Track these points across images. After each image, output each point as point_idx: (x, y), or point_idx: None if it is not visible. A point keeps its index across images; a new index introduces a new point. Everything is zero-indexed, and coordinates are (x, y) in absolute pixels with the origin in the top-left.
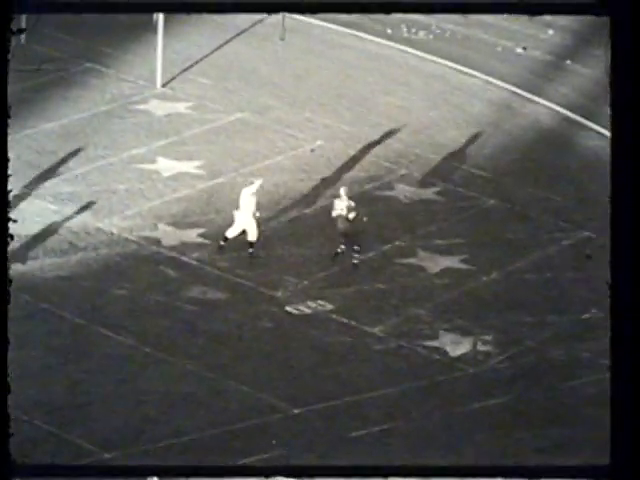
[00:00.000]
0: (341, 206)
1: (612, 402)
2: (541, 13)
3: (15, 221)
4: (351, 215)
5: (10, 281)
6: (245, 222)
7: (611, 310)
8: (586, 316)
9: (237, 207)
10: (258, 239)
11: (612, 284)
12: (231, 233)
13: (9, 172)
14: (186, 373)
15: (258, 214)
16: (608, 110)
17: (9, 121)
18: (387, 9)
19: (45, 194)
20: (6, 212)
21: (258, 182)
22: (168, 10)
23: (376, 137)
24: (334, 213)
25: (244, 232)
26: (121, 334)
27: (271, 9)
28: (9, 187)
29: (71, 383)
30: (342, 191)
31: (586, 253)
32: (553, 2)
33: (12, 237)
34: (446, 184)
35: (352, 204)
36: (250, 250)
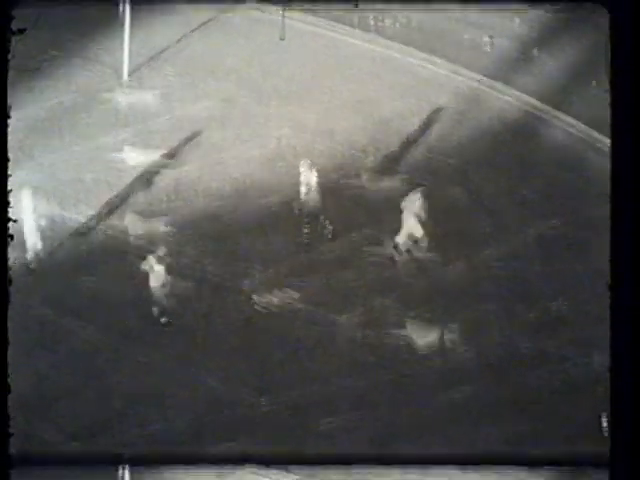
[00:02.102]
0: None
1: (612, 395)
2: (540, 1)
3: (15, 221)
4: None
5: (10, 281)
6: (411, 224)
7: (611, 310)
8: (553, 308)
9: (397, 211)
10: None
11: (612, 284)
12: (400, 238)
13: None
14: (153, 365)
15: (423, 214)
16: (575, 99)
17: None
18: None
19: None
20: (6, 212)
21: (420, 189)
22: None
23: (343, 128)
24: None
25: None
26: (88, 326)
27: None
28: None
29: (37, 377)
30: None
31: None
32: None
33: (12, 237)
34: (412, 174)
35: None
36: (417, 245)
